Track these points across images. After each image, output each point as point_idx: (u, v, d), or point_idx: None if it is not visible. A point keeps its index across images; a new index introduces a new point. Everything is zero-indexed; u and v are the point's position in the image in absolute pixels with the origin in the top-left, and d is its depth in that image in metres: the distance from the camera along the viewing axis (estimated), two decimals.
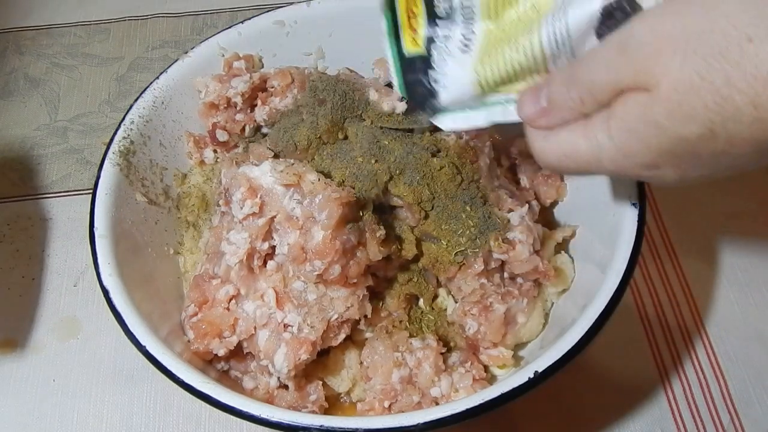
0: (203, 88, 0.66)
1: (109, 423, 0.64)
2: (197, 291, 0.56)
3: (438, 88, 0.49)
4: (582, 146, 0.40)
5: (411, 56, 0.49)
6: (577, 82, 0.39)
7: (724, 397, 0.64)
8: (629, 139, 0.37)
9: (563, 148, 0.41)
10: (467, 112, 0.49)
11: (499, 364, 0.58)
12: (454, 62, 0.48)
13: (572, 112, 0.40)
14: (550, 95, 0.41)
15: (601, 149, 0.39)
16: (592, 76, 0.38)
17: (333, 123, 0.59)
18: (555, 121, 0.41)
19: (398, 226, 0.59)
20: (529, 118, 0.43)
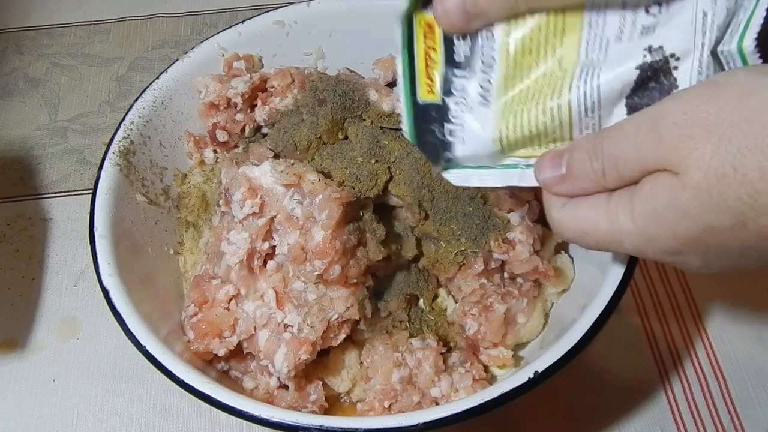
0: (203, 88, 0.66)
1: (109, 423, 0.64)
2: (197, 291, 0.56)
3: (453, 140, 0.46)
4: (603, 226, 0.38)
5: (425, 104, 0.46)
6: (601, 153, 0.38)
7: (724, 397, 0.64)
8: (654, 224, 0.36)
9: (582, 225, 0.39)
10: (481, 170, 0.46)
11: (499, 364, 0.58)
12: (472, 116, 0.45)
13: (592, 183, 0.39)
14: (570, 162, 0.40)
15: (622, 232, 0.37)
16: (619, 151, 0.37)
17: (333, 123, 0.59)
18: (573, 190, 0.40)
19: (398, 226, 0.59)
20: (546, 184, 0.42)
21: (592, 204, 0.39)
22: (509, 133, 0.44)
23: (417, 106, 0.46)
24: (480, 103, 0.44)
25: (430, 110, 0.46)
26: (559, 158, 0.41)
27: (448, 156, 0.47)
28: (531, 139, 0.43)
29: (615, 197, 0.38)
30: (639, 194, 0.36)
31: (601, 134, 0.38)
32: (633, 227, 0.37)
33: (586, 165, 0.39)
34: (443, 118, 0.46)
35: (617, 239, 0.38)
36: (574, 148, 0.40)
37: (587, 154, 0.39)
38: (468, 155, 0.46)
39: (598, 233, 0.39)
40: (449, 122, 0.46)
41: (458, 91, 0.45)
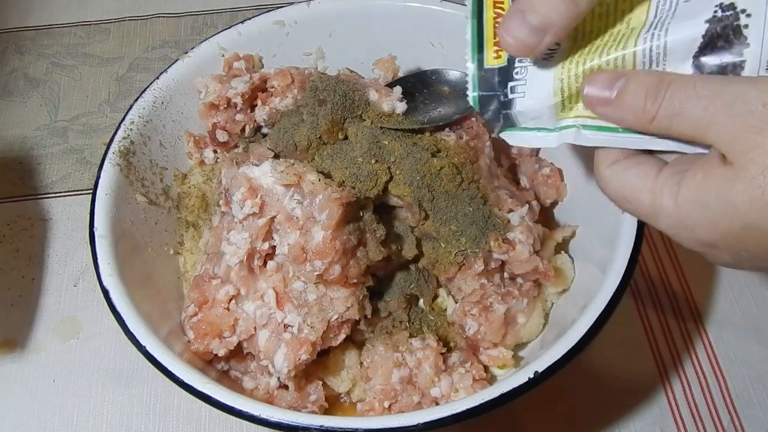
0: (203, 88, 0.66)
1: (109, 423, 0.64)
2: (197, 291, 0.56)
3: (514, 97, 0.46)
4: (645, 200, 0.38)
5: (491, 68, 0.46)
6: (662, 98, 0.37)
7: (724, 397, 0.64)
8: (697, 212, 0.35)
9: (625, 191, 0.39)
10: (539, 131, 0.46)
11: (499, 364, 0.58)
12: (535, 69, 0.45)
13: (636, 121, 0.38)
14: (624, 90, 0.38)
15: (662, 211, 0.37)
16: (682, 106, 0.36)
17: (333, 123, 0.59)
18: (612, 117, 0.39)
19: (398, 227, 0.59)
20: (588, 98, 0.40)
21: (640, 173, 0.38)
22: (570, 82, 0.43)
23: (483, 71, 0.47)
24: (544, 57, 0.44)
25: (495, 75, 0.46)
26: (614, 80, 0.39)
27: (508, 114, 0.46)
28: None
29: (664, 175, 0.37)
30: (690, 179, 0.36)
31: (669, 79, 0.37)
32: (675, 210, 0.36)
33: (639, 100, 0.37)
34: (507, 78, 0.46)
35: (655, 215, 0.38)
36: (633, 77, 0.38)
37: (645, 90, 0.37)
38: (528, 110, 0.46)
39: (639, 204, 0.38)
40: (512, 79, 0.46)
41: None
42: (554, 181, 0.65)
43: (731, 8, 0.38)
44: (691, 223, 0.36)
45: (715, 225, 0.35)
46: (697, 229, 0.36)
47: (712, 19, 0.38)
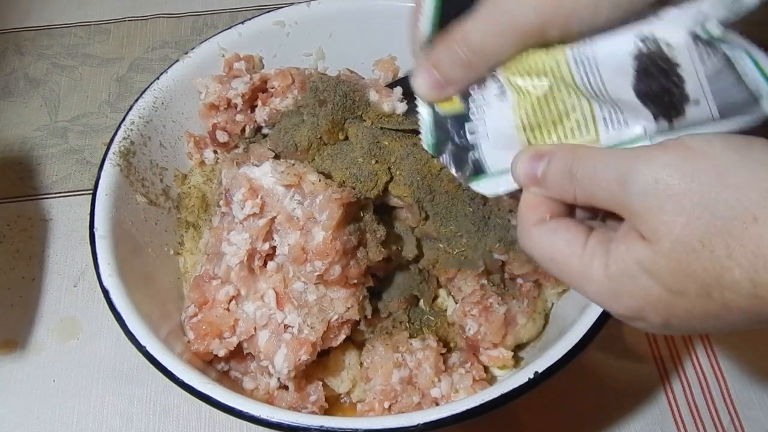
0: (203, 89, 0.66)
1: (109, 423, 0.64)
2: (197, 291, 0.56)
3: (477, 140, 0.45)
4: (574, 265, 0.39)
5: (446, 115, 0.46)
6: (576, 179, 0.38)
7: (724, 397, 0.64)
8: (626, 284, 0.36)
9: (553, 253, 0.40)
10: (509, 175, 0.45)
11: (499, 364, 0.58)
12: (492, 110, 0.44)
13: (564, 198, 0.40)
14: (547, 171, 0.40)
15: (592, 280, 0.38)
16: (592, 187, 0.38)
17: (333, 123, 0.59)
18: (546, 194, 0.41)
19: (398, 227, 0.59)
20: (519, 180, 0.42)
21: (569, 239, 0.39)
22: (530, 115, 0.43)
23: (437, 117, 0.46)
24: (497, 96, 0.44)
25: (450, 119, 0.46)
26: (539, 160, 0.41)
27: (474, 157, 0.46)
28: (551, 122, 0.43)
29: (591, 244, 0.38)
30: (615, 251, 0.37)
31: (577, 159, 0.39)
32: (604, 280, 0.37)
33: (560, 181, 0.39)
34: (464, 119, 0.45)
35: (583, 283, 0.39)
36: (553, 157, 0.40)
37: (562, 171, 0.39)
38: (494, 152, 0.45)
39: (568, 269, 0.39)
40: (469, 121, 0.45)
41: (475, 90, 0.45)
42: None
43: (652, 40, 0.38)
44: (620, 292, 0.37)
45: (645, 294, 0.36)
46: (627, 298, 0.37)
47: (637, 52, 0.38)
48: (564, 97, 0.42)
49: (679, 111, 0.39)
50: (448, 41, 0.42)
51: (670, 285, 0.35)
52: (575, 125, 0.42)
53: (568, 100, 0.42)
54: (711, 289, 0.34)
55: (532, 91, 0.42)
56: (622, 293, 0.37)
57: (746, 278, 0.32)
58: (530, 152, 0.42)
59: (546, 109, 0.42)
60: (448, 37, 0.42)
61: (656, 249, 0.35)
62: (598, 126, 0.41)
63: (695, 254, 0.33)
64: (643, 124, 0.40)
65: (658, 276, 0.35)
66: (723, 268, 0.33)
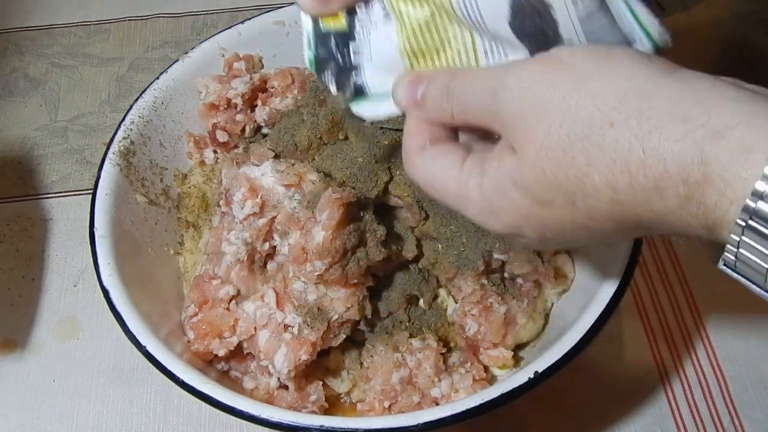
0: (203, 88, 0.66)
1: (109, 423, 0.64)
2: (197, 291, 0.56)
3: (360, 61, 0.45)
4: (452, 188, 0.39)
5: (328, 32, 0.45)
6: (452, 97, 0.39)
7: (724, 397, 0.64)
8: (499, 198, 0.37)
9: (432, 179, 0.40)
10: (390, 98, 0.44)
11: (499, 364, 0.58)
12: (377, 32, 0.44)
13: (443, 119, 0.40)
14: (425, 94, 0.41)
15: (469, 200, 0.38)
16: (466, 102, 0.38)
17: (333, 123, 0.59)
18: (428, 118, 0.41)
19: (398, 227, 0.59)
20: (400, 104, 0.42)
21: (446, 164, 0.40)
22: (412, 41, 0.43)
23: (319, 33, 0.45)
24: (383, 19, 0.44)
25: (333, 37, 0.45)
26: (417, 84, 0.41)
27: (355, 78, 0.45)
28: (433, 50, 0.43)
29: (468, 166, 0.39)
30: (488, 168, 0.37)
31: (453, 76, 0.39)
32: (480, 198, 0.38)
33: (438, 101, 0.40)
34: (348, 39, 0.45)
35: (463, 205, 0.39)
36: (431, 79, 0.41)
37: (440, 91, 0.40)
38: (377, 74, 0.45)
39: (447, 193, 0.40)
40: (353, 40, 0.45)
41: (362, 10, 0.44)
42: None
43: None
44: (495, 208, 0.37)
45: (517, 208, 0.37)
46: (503, 213, 0.37)
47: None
48: (446, 25, 0.42)
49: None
50: None
51: (537, 196, 0.35)
52: (456, 54, 0.42)
53: (450, 29, 0.42)
54: (575, 198, 0.34)
55: (413, 17, 0.42)
56: (497, 210, 0.37)
57: (605, 183, 0.33)
58: (410, 76, 0.42)
59: (428, 37, 0.42)
60: None
61: (522, 159, 0.35)
62: (479, 56, 0.42)
63: (557, 162, 0.34)
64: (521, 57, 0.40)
65: (526, 188, 0.35)
66: (584, 175, 0.33)
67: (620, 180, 0.32)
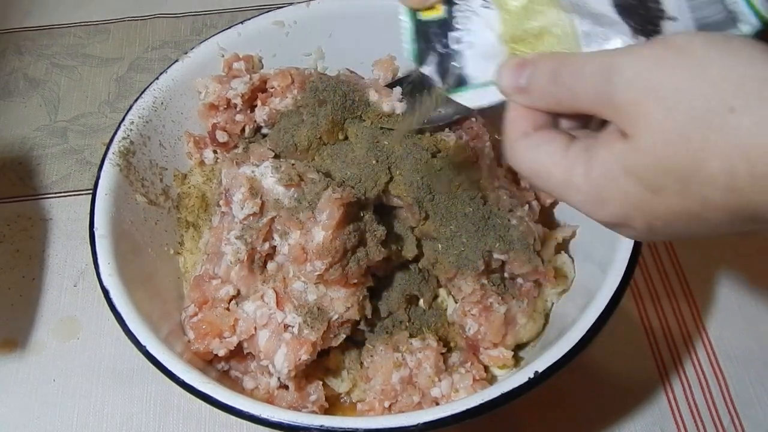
0: (203, 89, 0.66)
1: (109, 423, 0.64)
2: (197, 291, 0.56)
3: (461, 48, 0.44)
4: (557, 175, 0.38)
5: (427, 20, 0.45)
6: (560, 82, 0.38)
7: (724, 397, 0.64)
8: (608, 186, 0.36)
9: (536, 166, 0.39)
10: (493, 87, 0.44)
11: (500, 364, 0.58)
12: (478, 18, 0.44)
13: (548, 106, 0.39)
14: (531, 78, 0.40)
15: (574, 188, 0.38)
16: (575, 87, 0.37)
17: (333, 123, 0.59)
18: (531, 104, 0.40)
19: (398, 227, 0.59)
20: (505, 90, 0.42)
21: (550, 150, 0.39)
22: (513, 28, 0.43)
23: (419, 24, 0.45)
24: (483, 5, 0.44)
25: (433, 26, 0.45)
26: (522, 69, 0.40)
27: (457, 67, 0.45)
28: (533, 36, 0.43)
29: (573, 152, 0.38)
30: (596, 156, 0.37)
31: (562, 61, 0.39)
32: (587, 186, 0.37)
33: (544, 87, 0.39)
34: (447, 28, 0.45)
35: (569, 193, 0.38)
36: (537, 64, 0.40)
37: (546, 76, 0.39)
38: (478, 62, 0.44)
39: (551, 180, 0.39)
40: (453, 30, 0.44)
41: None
42: None
43: None
44: (604, 197, 0.37)
45: (627, 196, 0.36)
46: (611, 202, 0.37)
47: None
48: (544, 9, 0.42)
49: (656, 27, 0.39)
50: None
51: (650, 182, 0.35)
52: (556, 40, 0.42)
53: (549, 15, 0.42)
54: (689, 184, 0.33)
55: (513, 2, 0.42)
56: (605, 198, 0.37)
57: (723, 170, 0.32)
58: (515, 61, 0.41)
59: (528, 22, 0.42)
60: None
61: (636, 145, 0.34)
62: (580, 40, 0.41)
63: (673, 147, 0.33)
64: (622, 38, 0.40)
65: (638, 174, 0.35)
66: (700, 161, 0.32)
67: (739, 167, 0.31)
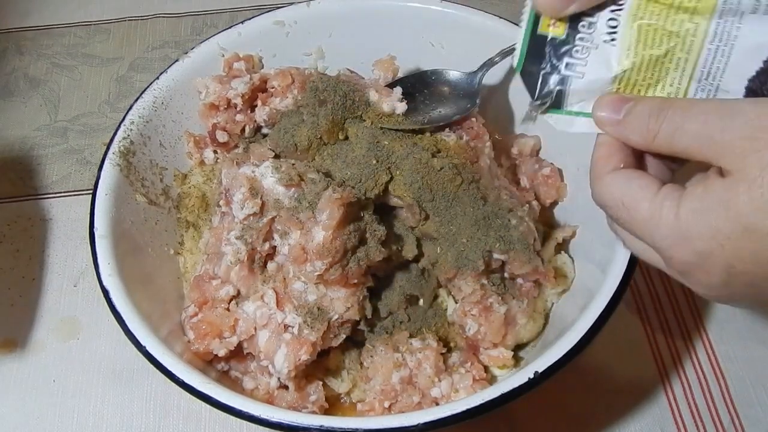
0: (203, 88, 0.66)
1: (109, 423, 0.64)
2: (197, 291, 0.56)
3: (570, 75, 0.45)
4: (644, 207, 0.39)
5: (543, 35, 0.45)
6: (664, 117, 0.39)
7: (724, 397, 0.64)
8: (698, 220, 0.36)
9: (625, 197, 0.40)
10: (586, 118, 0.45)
11: (499, 364, 0.58)
12: (597, 52, 0.44)
13: (641, 140, 0.40)
14: (630, 111, 0.41)
15: (661, 221, 0.38)
16: (682, 123, 0.38)
17: (333, 123, 0.59)
18: (621, 136, 0.41)
19: (398, 227, 0.59)
20: (599, 119, 0.43)
21: (642, 185, 0.40)
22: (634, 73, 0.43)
23: (534, 36, 0.46)
24: (605, 41, 0.44)
25: (549, 43, 0.45)
26: (622, 103, 0.42)
27: (559, 89, 0.45)
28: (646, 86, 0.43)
29: (665, 190, 0.39)
30: (690, 193, 0.37)
31: (671, 102, 0.39)
32: (674, 221, 0.37)
33: (644, 120, 0.40)
34: (564, 51, 0.45)
35: (651, 228, 0.39)
36: (639, 100, 0.41)
37: (649, 111, 0.40)
38: (581, 92, 0.45)
39: (637, 212, 0.39)
40: (570, 56, 0.45)
41: (585, 28, 0.44)
42: (554, 181, 0.65)
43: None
44: (690, 232, 0.37)
45: (716, 231, 0.36)
46: (696, 238, 0.37)
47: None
48: (671, 68, 0.42)
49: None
50: None
51: (745, 219, 0.34)
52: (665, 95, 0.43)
53: (672, 74, 0.42)
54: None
55: (648, 51, 0.43)
56: (692, 235, 0.37)
57: None
58: (616, 95, 0.43)
59: (649, 73, 0.43)
60: None
61: (740, 178, 0.35)
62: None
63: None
64: None
65: (735, 207, 0.35)
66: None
67: None
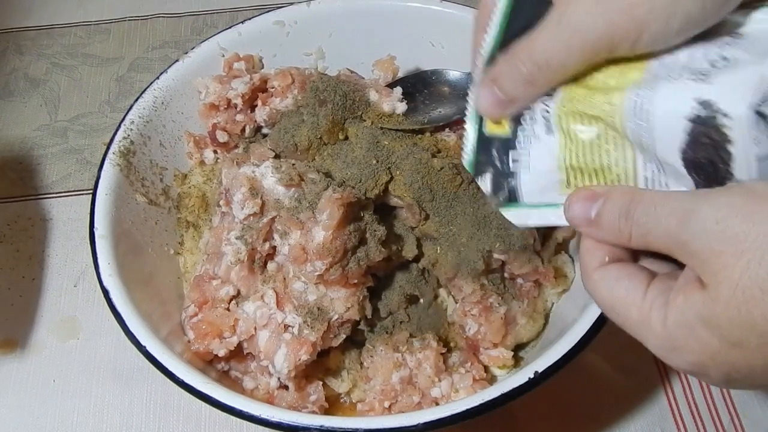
0: (203, 89, 0.66)
1: (109, 423, 0.64)
2: (197, 291, 0.56)
3: (518, 170, 0.45)
4: (633, 315, 0.38)
5: (491, 136, 0.46)
6: (632, 219, 0.37)
7: (724, 397, 0.64)
8: (685, 335, 0.35)
9: (614, 302, 0.39)
10: (540, 209, 0.45)
11: (500, 364, 0.58)
12: (539, 143, 0.44)
13: (617, 241, 0.39)
14: (601, 212, 0.39)
15: (650, 331, 0.37)
16: (649, 226, 0.37)
17: (333, 123, 0.59)
18: (598, 238, 0.40)
19: (398, 227, 0.59)
20: (572, 220, 0.41)
21: (629, 287, 0.38)
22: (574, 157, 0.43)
23: (483, 137, 0.47)
24: (546, 132, 0.44)
25: (495, 142, 0.46)
26: (592, 201, 0.40)
27: (511, 185, 0.46)
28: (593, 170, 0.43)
29: (651, 293, 0.38)
30: (673, 302, 0.36)
31: (634, 198, 0.38)
32: (663, 332, 0.36)
33: (615, 222, 0.38)
34: (508, 147, 0.46)
35: (643, 334, 0.38)
36: (608, 198, 0.39)
37: (618, 212, 0.38)
38: (532, 184, 0.45)
39: (627, 319, 0.39)
40: (514, 148, 0.45)
41: (526, 122, 0.45)
42: None
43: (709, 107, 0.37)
44: (680, 345, 0.36)
45: (704, 347, 0.35)
46: (687, 351, 0.36)
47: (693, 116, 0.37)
48: (610, 149, 0.42)
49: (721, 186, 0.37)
50: (511, 56, 0.42)
51: (728, 336, 0.34)
52: (616, 179, 0.42)
53: (614, 154, 0.41)
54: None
55: (580, 136, 0.42)
56: (681, 347, 0.36)
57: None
58: (586, 192, 0.41)
59: (590, 157, 0.42)
60: (511, 53, 0.42)
61: (715, 296, 0.33)
62: (638, 183, 0.41)
63: (754, 302, 0.32)
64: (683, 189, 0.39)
65: (717, 326, 0.34)
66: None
67: None
